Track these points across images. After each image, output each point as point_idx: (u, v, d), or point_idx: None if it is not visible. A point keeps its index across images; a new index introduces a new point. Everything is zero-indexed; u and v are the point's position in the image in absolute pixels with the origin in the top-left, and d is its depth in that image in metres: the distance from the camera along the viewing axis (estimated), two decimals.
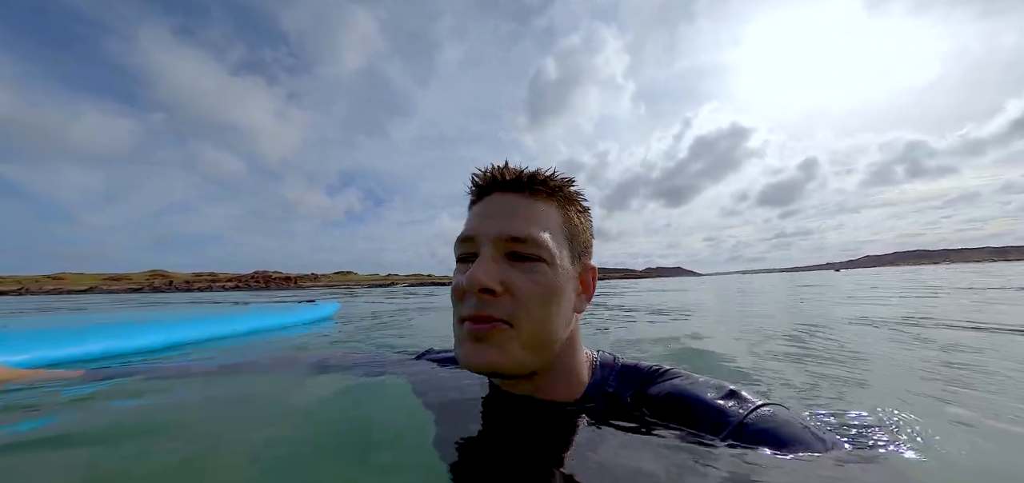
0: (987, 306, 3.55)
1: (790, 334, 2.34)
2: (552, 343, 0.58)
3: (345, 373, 0.96)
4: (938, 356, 1.69)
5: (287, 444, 0.65)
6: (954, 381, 1.30)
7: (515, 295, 0.54)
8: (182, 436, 0.71)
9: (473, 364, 0.56)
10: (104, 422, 0.80)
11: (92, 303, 11.19)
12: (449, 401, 0.70)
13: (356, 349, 2.32)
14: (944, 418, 0.96)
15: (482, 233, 0.57)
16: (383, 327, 3.43)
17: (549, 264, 0.56)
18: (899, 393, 1.19)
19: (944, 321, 2.71)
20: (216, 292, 40.79)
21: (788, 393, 1.23)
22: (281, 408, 0.84)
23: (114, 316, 3.94)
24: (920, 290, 6.20)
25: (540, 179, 0.60)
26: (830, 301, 4.88)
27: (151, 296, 21.13)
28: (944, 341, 2.01)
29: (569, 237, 0.60)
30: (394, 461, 0.59)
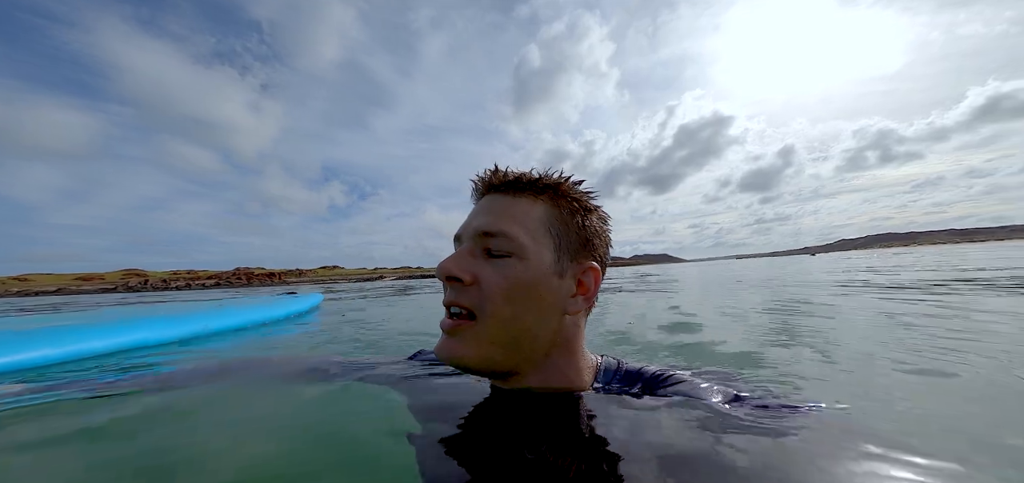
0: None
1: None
2: (527, 341, 0.58)
3: (333, 380, 0.89)
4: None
5: (266, 465, 0.60)
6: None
7: (481, 287, 0.56)
8: (147, 460, 0.62)
9: (441, 356, 0.59)
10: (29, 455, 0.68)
11: (56, 303, 10.67)
12: (440, 406, 0.68)
13: (344, 350, 2.23)
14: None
15: (463, 230, 0.63)
16: (369, 321, 3.34)
17: (520, 259, 0.57)
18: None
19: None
20: (195, 290, 39.79)
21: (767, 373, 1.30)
22: (263, 422, 0.77)
23: (70, 317, 3.63)
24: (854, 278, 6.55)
25: (525, 180, 0.62)
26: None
27: (125, 296, 20.33)
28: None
29: (556, 235, 0.60)
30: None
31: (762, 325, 2.27)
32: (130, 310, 4.41)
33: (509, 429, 0.57)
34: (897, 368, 1.29)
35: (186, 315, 2.59)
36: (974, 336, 1.67)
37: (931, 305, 2.63)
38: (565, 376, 0.62)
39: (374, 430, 0.68)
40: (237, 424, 0.76)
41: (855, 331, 1.97)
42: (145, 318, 2.34)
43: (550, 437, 0.53)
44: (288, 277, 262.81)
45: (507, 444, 0.54)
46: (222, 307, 3.19)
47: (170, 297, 11.85)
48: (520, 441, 0.53)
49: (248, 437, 0.70)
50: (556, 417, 0.57)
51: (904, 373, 1.24)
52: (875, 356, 1.47)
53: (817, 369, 1.33)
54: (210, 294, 14.52)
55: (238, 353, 2.08)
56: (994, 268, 5.75)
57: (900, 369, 1.27)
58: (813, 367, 1.36)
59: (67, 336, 1.74)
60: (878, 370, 1.31)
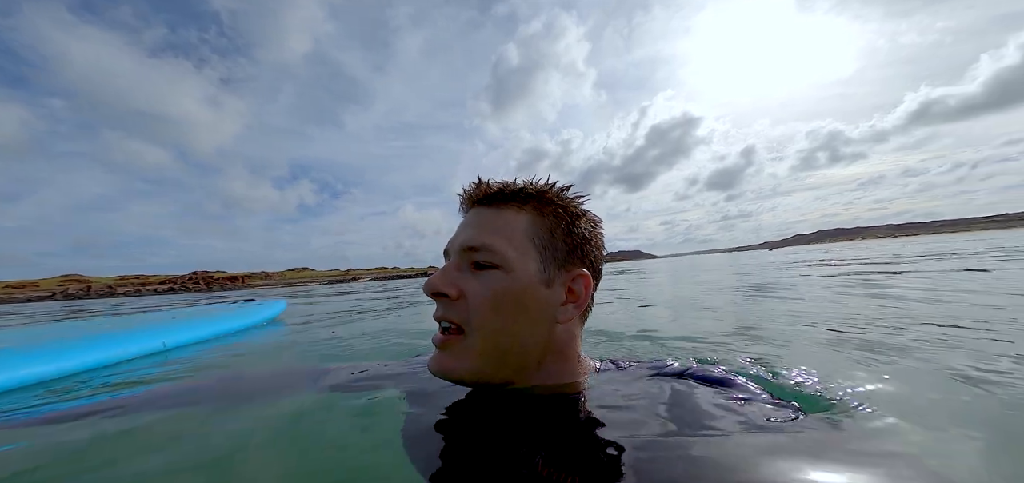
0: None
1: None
2: (516, 351, 0.58)
3: (322, 391, 0.87)
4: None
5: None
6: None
7: (468, 301, 0.57)
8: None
9: (433, 371, 0.60)
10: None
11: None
12: (434, 409, 0.67)
13: (331, 357, 2.15)
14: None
15: (450, 245, 0.63)
16: (342, 326, 3.20)
17: (505, 271, 0.57)
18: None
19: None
20: (145, 297, 36.68)
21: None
22: (252, 442, 0.73)
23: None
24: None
25: (508, 191, 0.62)
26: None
27: (63, 304, 18.41)
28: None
29: (541, 244, 0.60)
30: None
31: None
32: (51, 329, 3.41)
33: (504, 434, 0.56)
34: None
35: (96, 338, 2.04)
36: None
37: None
38: (560, 381, 0.62)
39: (373, 441, 0.67)
40: (219, 451, 0.71)
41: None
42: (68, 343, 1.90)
43: (545, 443, 0.52)
44: (253, 280, 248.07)
45: (502, 451, 0.53)
46: (162, 323, 2.56)
47: (114, 307, 10.83)
48: (516, 448, 0.52)
49: (236, 463, 0.66)
50: (551, 419, 0.56)
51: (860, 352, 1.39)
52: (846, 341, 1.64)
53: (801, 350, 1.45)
54: (165, 300, 13.45)
55: (188, 375, 1.78)
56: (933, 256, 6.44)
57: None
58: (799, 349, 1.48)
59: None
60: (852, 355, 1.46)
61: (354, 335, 2.97)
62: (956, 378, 1.04)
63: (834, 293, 3.19)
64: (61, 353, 1.69)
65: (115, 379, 1.62)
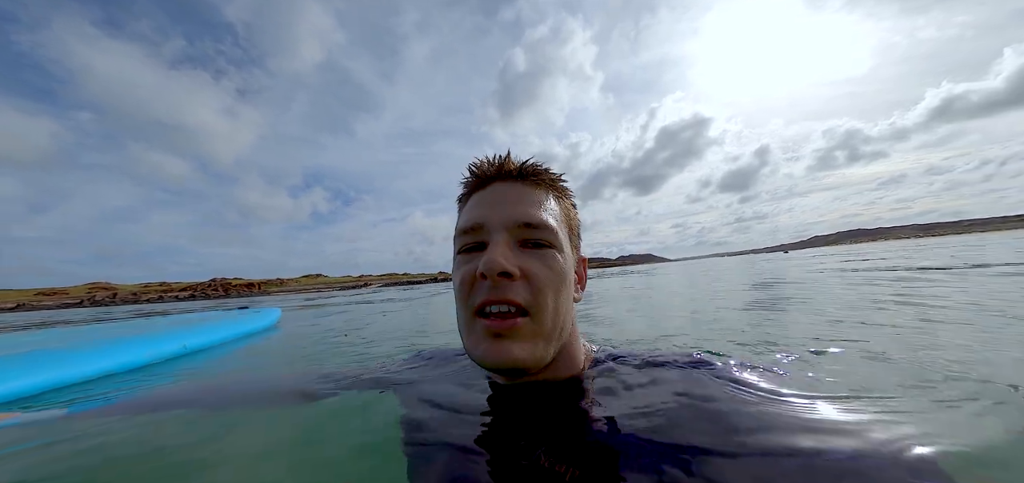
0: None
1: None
2: (563, 332, 0.58)
3: (322, 396, 0.87)
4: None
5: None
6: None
7: (531, 281, 0.53)
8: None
9: (497, 361, 0.53)
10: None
11: (13, 321, 9.93)
12: (435, 410, 0.66)
13: (333, 362, 2.16)
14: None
15: (493, 220, 0.56)
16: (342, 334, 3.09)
17: (560, 251, 0.57)
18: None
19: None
20: (167, 303, 37.79)
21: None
22: (254, 450, 0.76)
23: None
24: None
25: (541, 170, 0.61)
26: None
27: (90, 311, 19.15)
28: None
29: (568, 227, 0.62)
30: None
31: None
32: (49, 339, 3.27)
33: (507, 427, 0.56)
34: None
35: (107, 345, 2.13)
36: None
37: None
38: (572, 362, 0.62)
39: (370, 443, 0.67)
40: (221, 455, 0.73)
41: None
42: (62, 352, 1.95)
43: (547, 435, 0.52)
44: (268, 287, 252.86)
45: (505, 445, 0.53)
46: (144, 335, 2.58)
47: (139, 312, 11.19)
48: (518, 441, 0.52)
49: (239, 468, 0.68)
50: (554, 411, 0.56)
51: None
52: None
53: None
54: (185, 306, 13.95)
55: (187, 381, 1.85)
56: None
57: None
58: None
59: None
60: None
61: (363, 337, 3.00)
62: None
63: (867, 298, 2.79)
64: (48, 365, 1.73)
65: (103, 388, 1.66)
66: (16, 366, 1.71)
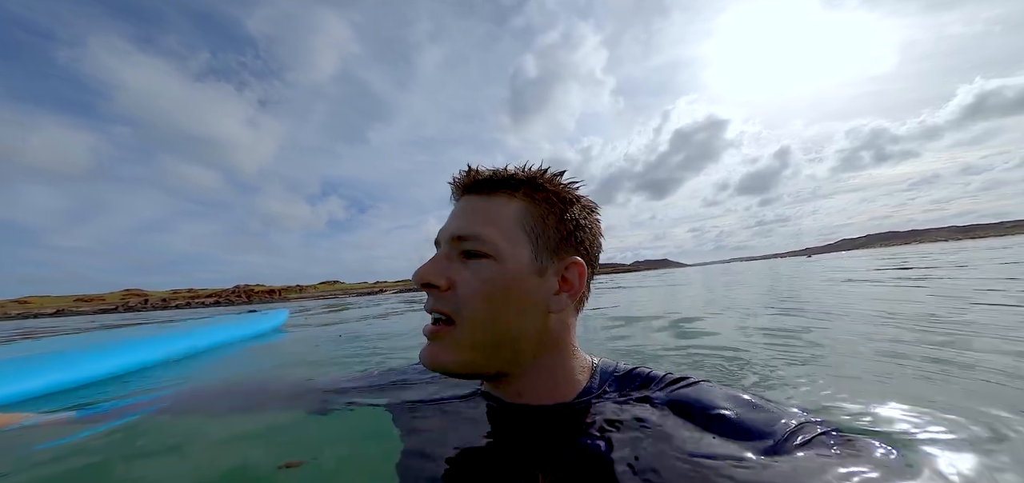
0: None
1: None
2: (508, 341, 0.57)
3: (310, 404, 0.85)
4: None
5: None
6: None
7: (457, 291, 0.55)
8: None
9: (424, 363, 0.58)
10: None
11: (54, 325, 10.60)
12: (427, 427, 0.65)
13: (324, 369, 2.15)
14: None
15: (440, 234, 0.61)
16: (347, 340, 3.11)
17: (495, 260, 0.55)
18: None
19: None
20: (195, 308, 39.52)
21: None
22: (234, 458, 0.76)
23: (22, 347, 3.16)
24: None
25: (498, 178, 0.60)
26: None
27: (124, 316, 20.27)
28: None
29: (532, 232, 0.58)
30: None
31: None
32: (75, 340, 3.66)
33: (503, 449, 0.55)
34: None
35: (131, 343, 2.29)
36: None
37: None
38: (556, 377, 0.60)
39: (366, 457, 0.66)
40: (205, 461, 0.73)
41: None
42: (82, 352, 2.06)
43: (545, 457, 0.50)
44: (289, 293, 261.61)
45: (502, 466, 0.52)
46: (166, 333, 2.79)
47: (171, 317, 11.75)
48: (516, 462, 0.51)
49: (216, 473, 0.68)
50: (551, 431, 0.55)
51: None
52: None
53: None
54: (210, 312, 14.57)
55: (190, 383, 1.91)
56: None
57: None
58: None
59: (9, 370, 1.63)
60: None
61: (358, 339, 2.99)
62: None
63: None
64: (68, 365, 1.82)
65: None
66: (32, 366, 1.79)
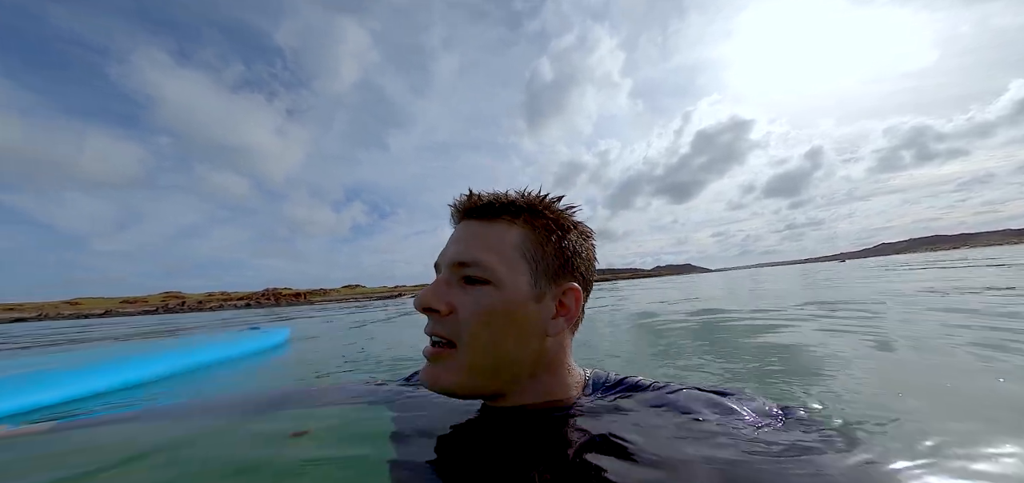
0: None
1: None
2: (507, 365, 0.58)
3: (319, 408, 0.88)
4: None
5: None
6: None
7: (458, 316, 0.57)
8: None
9: (424, 384, 0.60)
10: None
11: (103, 323, 11.30)
12: (426, 429, 0.67)
13: (332, 374, 2.15)
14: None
15: (441, 258, 0.62)
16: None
17: (496, 286, 0.57)
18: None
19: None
20: (227, 310, 41.34)
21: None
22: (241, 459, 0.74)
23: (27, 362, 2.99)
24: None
25: (499, 204, 0.61)
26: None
27: (164, 317, 21.58)
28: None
29: (532, 259, 0.59)
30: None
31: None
32: (87, 352, 3.50)
33: (497, 450, 0.56)
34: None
35: (129, 359, 2.15)
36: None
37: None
38: (552, 393, 0.62)
39: (363, 457, 0.67)
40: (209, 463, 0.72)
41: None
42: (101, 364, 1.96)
43: (537, 456, 0.52)
44: (313, 296, 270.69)
45: (494, 466, 0.53)
46: (166, 350, 2.66)
47: (185, 324, 12.29)
48: (507, 462, 0.52)
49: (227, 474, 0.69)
50: (544, 434, 0.56)
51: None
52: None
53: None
54: (242, 313, 15.22)
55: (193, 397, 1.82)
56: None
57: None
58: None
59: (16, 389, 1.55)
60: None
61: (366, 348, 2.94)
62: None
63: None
64: (68, 379, 1.75)
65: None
66: (23, 383, 1.71)
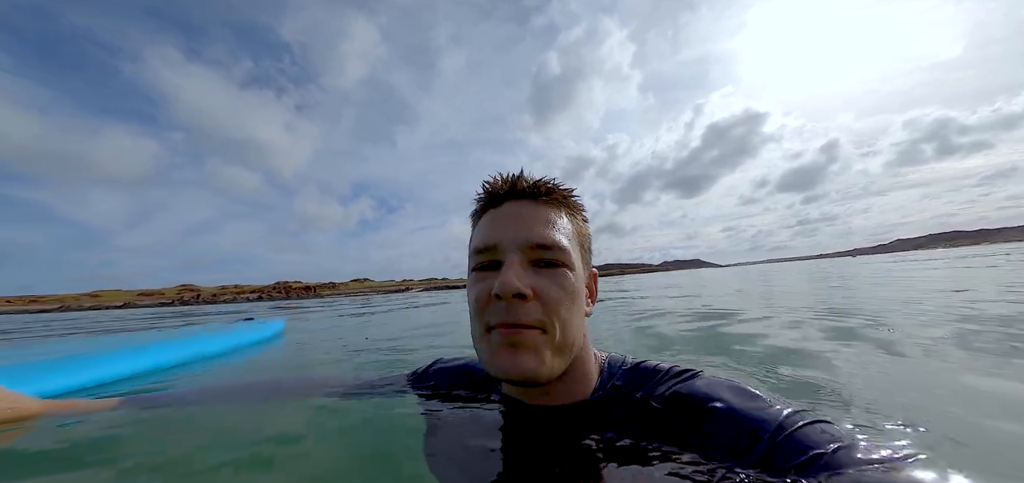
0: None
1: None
2: (573, 347, 0.59)
3: (343, 398, 0.90)
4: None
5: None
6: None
7: (545, 300, 0.55)
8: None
9: (510, 372, 0.56)
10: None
11: (121, 316, 11.72)
12: (455, 422, 0.70)
13: (358, 365, 2.24)
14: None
15: (506, 240, 0.58)
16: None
17: (571, 269, 0.58)
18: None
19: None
20: (240, 303, 42.57)
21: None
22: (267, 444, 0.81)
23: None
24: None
25: (553, 188, 0.62)
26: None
27: (179, 309, 22.27)
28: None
29: (580, 244, 0.63)
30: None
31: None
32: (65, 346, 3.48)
33: (523, 445, 0.59)
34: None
35: (118, 351, 2.12)
36: None
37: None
38: (578, 375, 0.63)
39: (394, 449, 0.70)
40: (241, 448, 0.79)
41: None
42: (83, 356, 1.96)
43: (559, 455, 0.54)
44: (323, 290, 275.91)
45: (520, 460, 0.56)
46: (178, 339, 2.67)
47: (201, 314, 12.60)
48: (532, 456, 0.55)
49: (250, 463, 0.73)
50: (571, 426, 0.59)
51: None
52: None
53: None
54: (254, 306, 15.69)
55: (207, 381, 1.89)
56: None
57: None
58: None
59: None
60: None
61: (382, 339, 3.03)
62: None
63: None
64: (76, 368, 1.80)
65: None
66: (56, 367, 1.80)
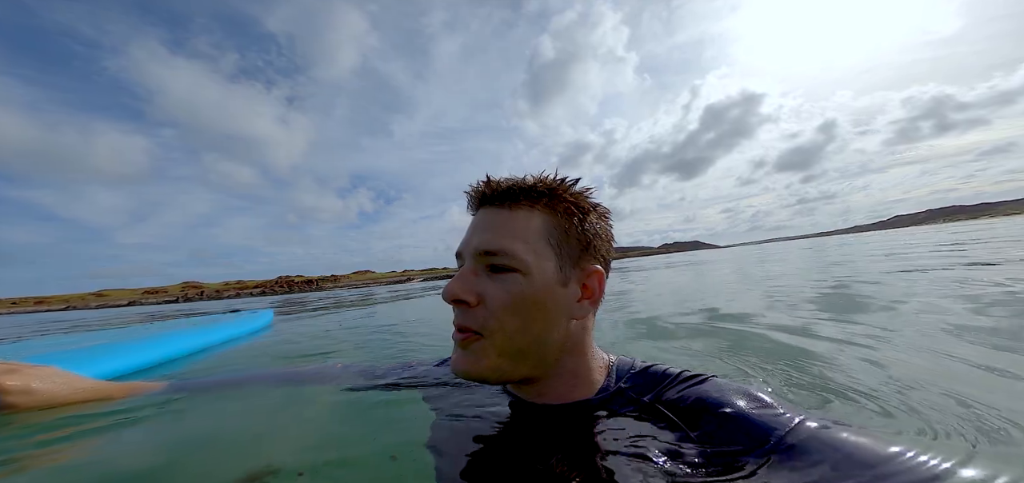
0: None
1: None
2: (535, 351, 0.59)
3: (357, 389, 0.93)
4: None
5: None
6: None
7: (489, 306, 0.57)
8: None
9: (455, 371, 0.61)
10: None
11: (125, 314, 11.78)
12: (460, 419, 0.71)
13: (369, 356, 2.25)
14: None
15: (467, 248, 0.62)
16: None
17: (523, 273, 0.57)
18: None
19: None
20: (244, 298, 42.63)
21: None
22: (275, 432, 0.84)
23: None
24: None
25: (520, 189, 0.61)
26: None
27: (183, 306, 22.38)
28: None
29: (556, 244, 0.59)
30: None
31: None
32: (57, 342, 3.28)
33: (524, 443, 0.59)
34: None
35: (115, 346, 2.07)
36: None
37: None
38: (576, 378, 0.63)
39: (399, 441, 0.71)
40: (249, 439, 0.81)
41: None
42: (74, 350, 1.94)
43: (561, 449, 0.54)
44: (325, 283, 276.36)
45: (521, 457, 0.56)
46: (170, 333, 2.60)
47: (204, 310, 12.61)
48: (533, 454, 0.55)
49: (260, 450, 0.76)
50: (570, 423, 0.59)
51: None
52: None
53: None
54: (257, 301, 15.73)
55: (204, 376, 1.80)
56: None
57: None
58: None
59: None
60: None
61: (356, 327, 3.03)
62: None
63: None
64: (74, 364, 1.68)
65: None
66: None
